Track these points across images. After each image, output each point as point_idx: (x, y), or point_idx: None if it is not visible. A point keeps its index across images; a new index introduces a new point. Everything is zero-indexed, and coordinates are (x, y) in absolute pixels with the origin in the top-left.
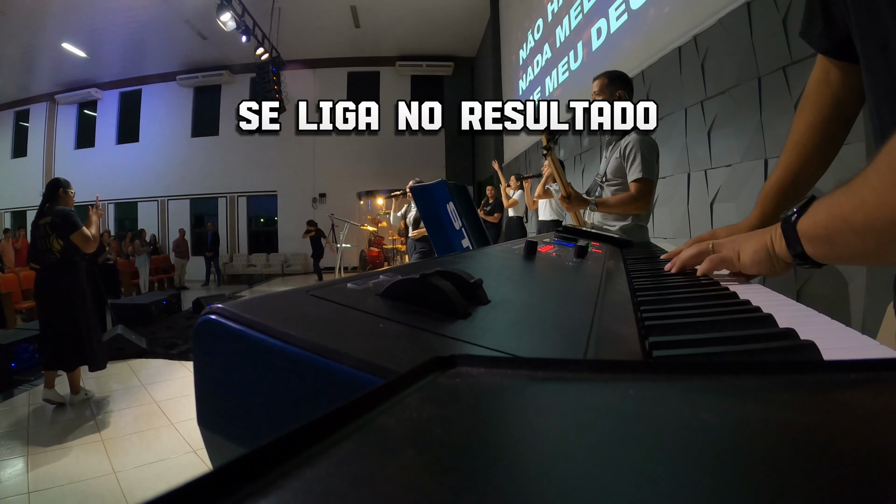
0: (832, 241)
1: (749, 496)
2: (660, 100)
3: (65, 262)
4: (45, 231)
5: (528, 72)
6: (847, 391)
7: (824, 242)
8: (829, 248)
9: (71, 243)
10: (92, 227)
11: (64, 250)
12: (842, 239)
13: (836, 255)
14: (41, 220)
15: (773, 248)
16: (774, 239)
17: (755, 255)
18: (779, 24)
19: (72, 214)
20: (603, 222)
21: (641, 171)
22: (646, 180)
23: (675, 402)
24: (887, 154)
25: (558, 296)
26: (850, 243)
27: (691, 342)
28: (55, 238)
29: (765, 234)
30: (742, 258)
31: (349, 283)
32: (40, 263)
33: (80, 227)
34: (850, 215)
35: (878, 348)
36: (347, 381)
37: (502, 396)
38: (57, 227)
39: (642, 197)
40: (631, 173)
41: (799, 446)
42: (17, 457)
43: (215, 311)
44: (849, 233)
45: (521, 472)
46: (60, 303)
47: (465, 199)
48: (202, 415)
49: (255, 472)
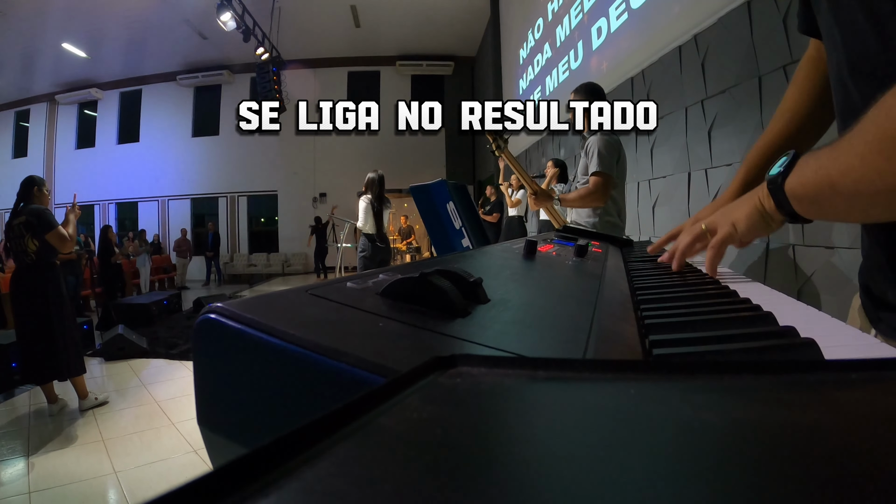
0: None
1: (750, 496)
2: (660, 99)
3: (40, 263)
4: (20, 231)
5: (528, 71)
6: (848, 391)
7: (813, 203)
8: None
9: (47, 243)
10: (69, 227)
11: (39, 251)
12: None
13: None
14: (15, 221)
15: (764, 208)
16: (763, 199)
17: (749, 221)
18: (779, 23)
19: (46, 213)
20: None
21: (598, 165)
22: (601, 174)
23: (675, 402)
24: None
25: (558, 295)
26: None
27: (691, 341)
28: (30, 238)
29: (752, 196)
30: (739, 228)
31: (349, 282)
32: (15, 265)
33: (56, 226)
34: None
35: (878, 346)
36: (347, 379)
37: (502, 396)
38: (31, 227)
39: (598, 190)
40: (589, 168)
41: (800, 446)
42: (18, 457)
43: (215, 310)
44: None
45: (522, 473)
46: (35, 306)
47: (464, 199)
48: (202, 414)
49: (255, 472)
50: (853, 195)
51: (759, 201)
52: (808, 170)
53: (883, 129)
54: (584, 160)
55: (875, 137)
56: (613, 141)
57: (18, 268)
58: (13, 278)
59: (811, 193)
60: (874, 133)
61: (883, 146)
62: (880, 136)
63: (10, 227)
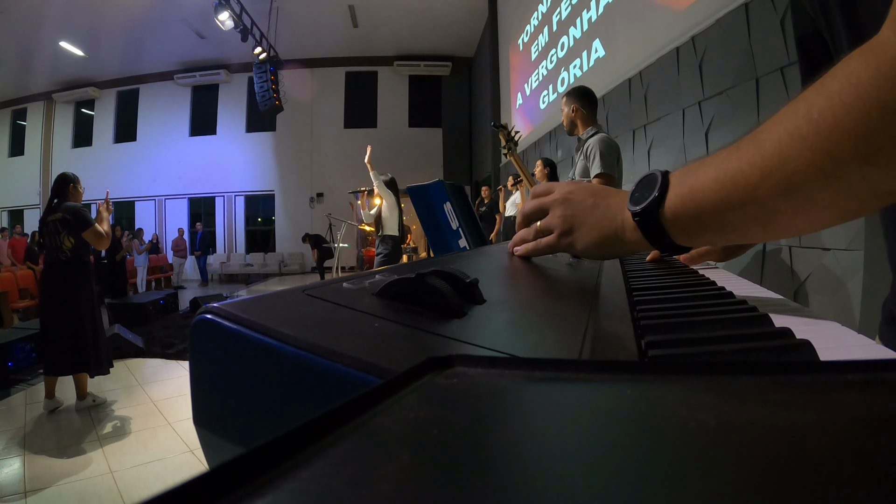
0: (720, 218)
1: (746, 498)
2: (657, 100)
3: (74, 261)
4: (55, 228)
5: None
6: (844, 392)
7: (704, 222)
8: (712, 229)
9: (82, 241)
10: (103, 224)
11: (74, 248)
12: (733, 215)
13: (721, 234)
14: (50, 217)
15: (623, 238)
16: (625, 231)
17: (598, 244)
18: (776, 25)
19: (83, 211)
20: None
21: (601, 167)
22: (604, 175)
23: (671, 403)
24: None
25: (554, 295)
26: (750, 215)
27: (687, 341)
28: (66, 235)
29: (611, 217)
30: (577, 246)
31: (345, 282)
32: (48, 261)
33: (93, 224)
34: (755, 180)
35: (874, 348)
36: (343, 379)
37: (499, 397)
38: (68, 224)
39: None
40: (592, 170)
41: (796, 447)
42: (14, 457)
43: (211, 310)
44: (747, 206)
45: (518, 473)
46: (66, 303)
47: (462, 199)
48: (198, 414)
49: (251, 473)
50: (782, 194)
51: (619, 230)
52: (698, 180)
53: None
54: (584, 161)
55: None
56: (612, 142)
57: (50, 263)
58: (44, 273)
59: (705, 209)
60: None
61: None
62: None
63: (45, 224)
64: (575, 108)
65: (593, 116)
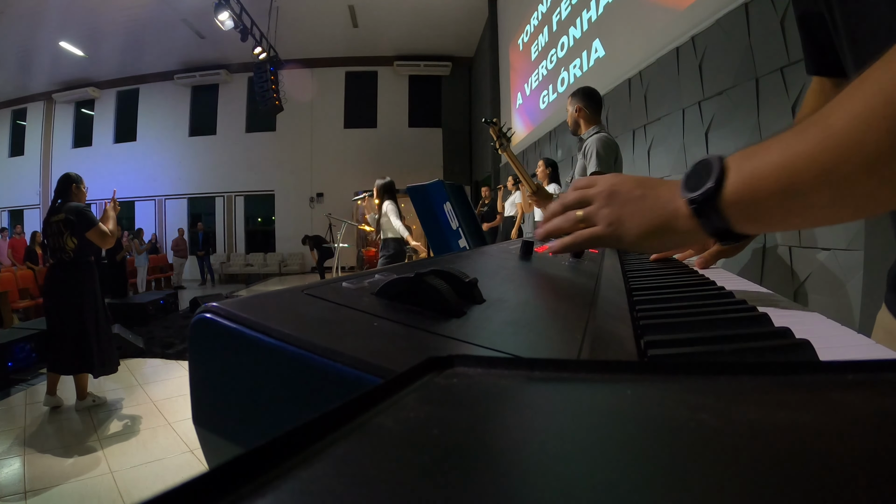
0: (786, 203)
1: (746, 497)
2: (657, 100)
3: (78, 261)
4: (59, 229)
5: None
6: (844, 392)
7: (767, 209)
8: (776, 215)
9: (85, 241)
10: (109, 223)
11: (78, 248)
12: (803, 200)
13: (784, 220)
14: (54, 218)
15: (678, 226)
16: (679, 219)
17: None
18: (777, 25)
19: (87, 211)
20: None
21: (597, 166)
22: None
23: (671, 403)
24: None
25: (554, 295)
26: (817, 201)
27: (686, 341)
28: (69, 236)
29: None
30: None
31: (344, 282)
32: (53, 261)
33: (97, 223)
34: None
35: (874, 348)
36: (342, 379)
37: (499, 397)
38: (71, 225)
39: None
40: (588, 169)
41: (796, 447)
42: (14, 457)
43: (211, 309)
44: (820, 189)
45: (518, 473)
46: (70, 303)
47: (462, 200)
48: (198, 414)
49: (251, 472)
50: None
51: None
52: (760, 165)
53: None
54: (583, 161)
55: None
56: (611, 142)
57: (55, 264)
58: (48, 274)
59: (772, 194)
60: None
61: None
62: None
63: (49, 224)
64: (579, 107)
65: (597, 117)
